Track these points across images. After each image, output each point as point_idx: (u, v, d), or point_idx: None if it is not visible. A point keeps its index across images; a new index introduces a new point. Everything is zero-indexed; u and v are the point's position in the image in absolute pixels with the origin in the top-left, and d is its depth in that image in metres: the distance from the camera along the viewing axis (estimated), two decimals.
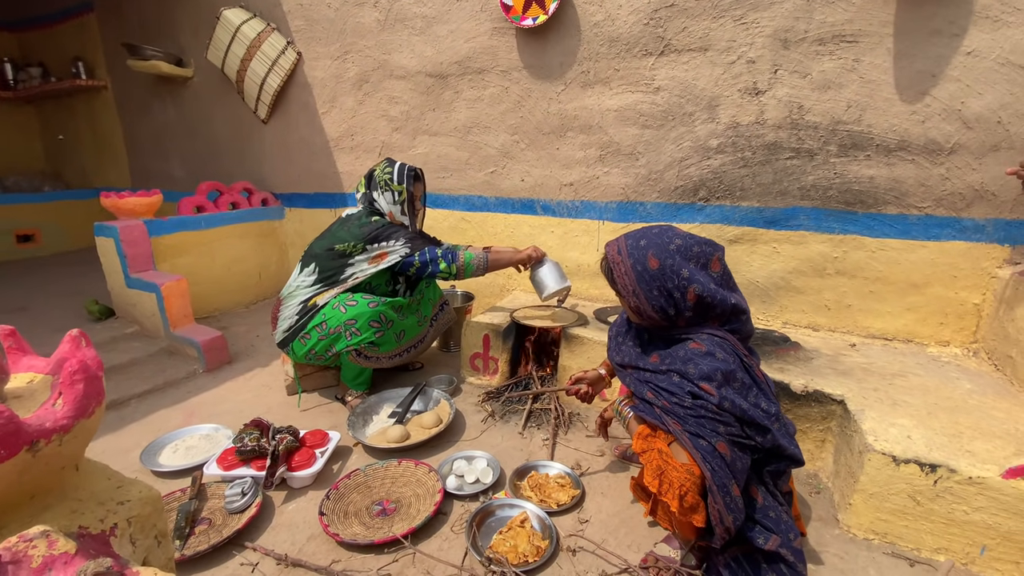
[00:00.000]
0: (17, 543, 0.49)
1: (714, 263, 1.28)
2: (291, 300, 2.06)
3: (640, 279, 1.27)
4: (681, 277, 1.23)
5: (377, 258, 2.04)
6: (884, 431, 1.46)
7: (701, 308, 1.26)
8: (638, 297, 1.28)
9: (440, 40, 2.79)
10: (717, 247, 1.29)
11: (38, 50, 4.76)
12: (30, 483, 0.55)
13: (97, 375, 0.61)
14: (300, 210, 3.72)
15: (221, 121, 3.89)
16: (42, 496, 0.58)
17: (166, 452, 1.87)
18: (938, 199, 2.00)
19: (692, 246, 1.26)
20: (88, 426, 0.60)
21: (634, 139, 2.44)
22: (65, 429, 0.55)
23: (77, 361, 0.58)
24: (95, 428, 0.63)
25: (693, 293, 1.24)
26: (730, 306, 1.26)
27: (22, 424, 0.51)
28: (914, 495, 1.37)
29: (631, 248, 1.30)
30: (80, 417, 0.57)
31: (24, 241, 4.63)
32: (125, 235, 2.71)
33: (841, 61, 2.00)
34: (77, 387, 0.58)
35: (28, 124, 5.06)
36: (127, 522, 0.62)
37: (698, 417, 1.17)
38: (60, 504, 0.59)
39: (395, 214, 2.13)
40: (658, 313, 1.28)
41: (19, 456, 0.51)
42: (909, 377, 1.81)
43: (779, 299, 2.33)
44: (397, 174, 2.10)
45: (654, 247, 1.26)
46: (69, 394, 0.57)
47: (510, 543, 1.41)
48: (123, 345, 2.70)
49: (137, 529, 0.63)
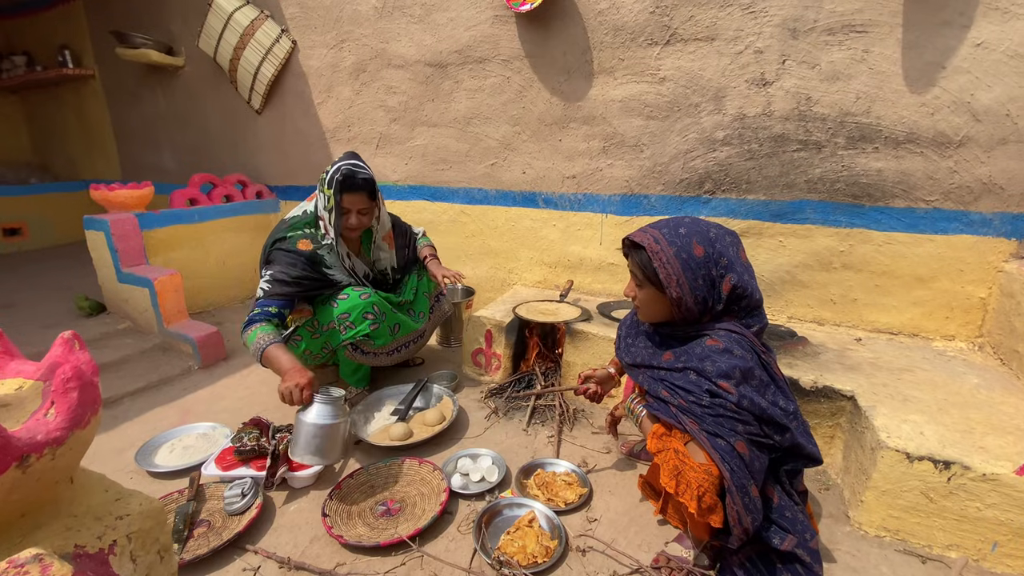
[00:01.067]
0: (7, 570, 0.45)
1: (742, 252, 1.26)
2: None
3: (685, 267, 1.20)
4: (721, 265, 1.21)
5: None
6: (896, 427, 1.44)
7: (732, 299, 1.23)
8: (681, 288, 1.21)
9: (440, 28, 2.72)
10: (738, 237, 1.28)
11: (22, 38, 4.63)
12: (21, 501, 0.50)
13: (92, 381, 0.56)
14: (295, 203, 3.65)
15: (214, 112, 3.80)
16: (34, 513, 0.54)
17: (162, 452, 1.82)
18: (946, 192, 1.97)
19: (724, 235, 1.25)
20: (83, 437, 0.55)
21: (639, 130, 2.39)
22: (59, 442, 0.51)
23: (71, 367, 0.53)
24: (91, 438, 0.58)
25: (728, 283, 1.21)
26: (756, 300, 1.24)
27: (11, 438, 0.47)
28: (927, 492, 1.35)
29: (670, 236, 1.23)
30: (75, 428, 0.53)
31: (10, 235, 4.52)
32: (116, 229, 2.64)
33: (850, 52, 1.97)
34: (71, 395, 0.53)
35: (13, 114, 4.92)
36: (127, 538, 0.58)
37: (716, 416, 1.14)
38: (54, 521, 0.55)
39: (325, 219, 1.87)
40: (698, 305, 1.22)
41: (8, 473, 0.46)
42: (917, 372, 1.80)
43: (785, 293, 2.31)
44: (329, 177, 1.80)
45: (696, 235, 1.22)
46: (63, 403, 0.53)
47: (519, 543, 1.38)
48: (115, 342, 2.64)
49: (138, 545, 0.59)
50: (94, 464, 1.76)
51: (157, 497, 1.54)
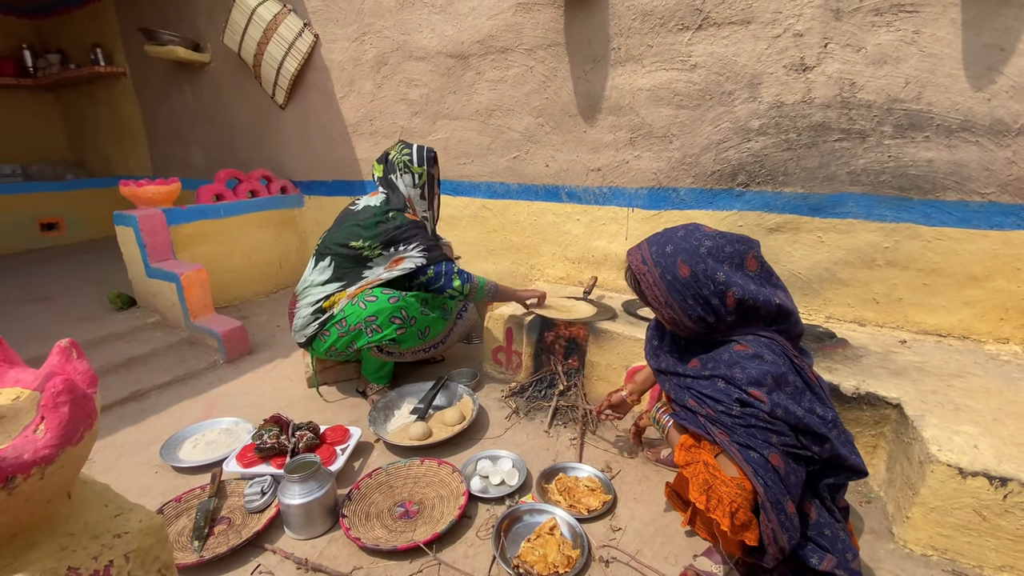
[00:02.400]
0: None
1: (750, 261, 1.16)
2: (304, 298, 1.97)
3: (671, 289, 1.16)
4: (717, 282, 1.13)
5: (394, 264, 1.95)
6: (948, 440, 1.33)
7: (743, 311, 1.15)
8: (672, 308, 1.18)
9: (461, 18, 2.66)
10: (751, 243, 1.17)
11: (56, 37, 4.75)
12: (9, 522, 0.47)
13: (86, 394, 0.53)
14: (319, 198, 3.66)
15: (239, 107, 3.83)
16: (26, 533, 0.51)
17: (186, 447, 1.83)
18: (1003, 185, 1.83)
19: (724, 246, 1.15)
20: (76, 453, 0.52)
21: (668, 120, 2.29)
22: (47, 460, 0.48)
23: (61, 380, 0.50)
24: (85, 454, 0.55)
25: (733, 297, 1.13)
26: (775, 307, 1.15)
27: None
28: (980, 510, 1.25)
29: (656, 256, 1.19)
30: (66, 445, 0.50)
31: (48, 229, 4.68)
32: (144, 224, 2.68)
33: (900, 33, 1.83)
34: (62, 411, 0.50)
35: (49, 112, 5.07)
36: (124, 558, 0.55)
37: (748, 427, 1.07)
38: (48, 541, 0.52)
39: (414, 198, 2.04)
40: (696, 323, 1.18)
41: None
42: (968, 378, 1.67)
43: (823, 292, 2.19)
44: (416, 155, 2.03)
45: (683, 252, 1.15)
46: (52, 419, 0.50)
47: (539, 552, 1.33)
48: (144, 335, 2.69)
49: (137, 565, 0.56)
50: (122, 458, 1.80)
51: (180, 493, 1.56)
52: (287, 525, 1.45)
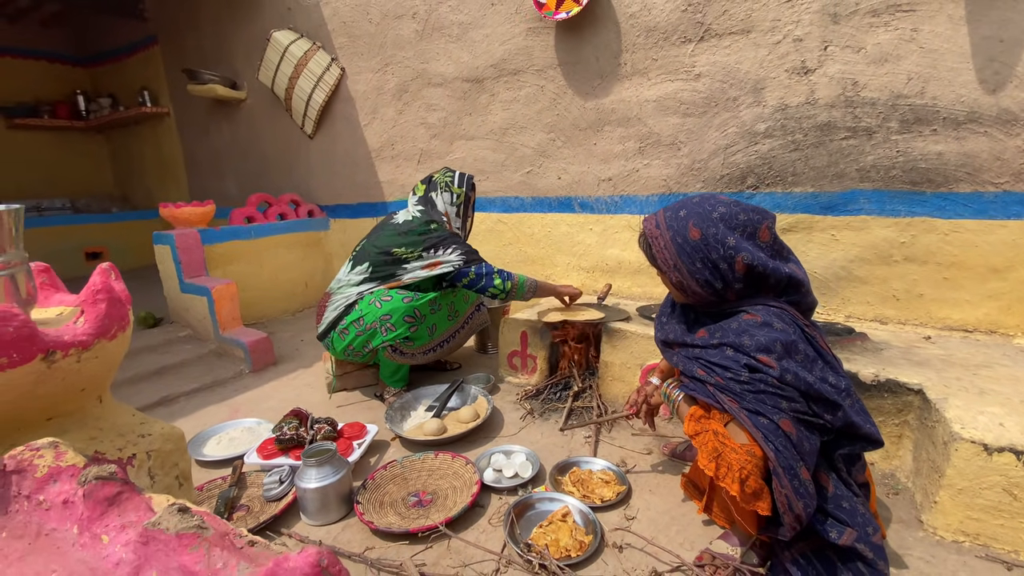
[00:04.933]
0: (23, 452, 0.47)
1: (763, 232, 1.17)
2: (339, 295, 2.07)
3: (681, 252, 1.18)
4: (727, 246, 1.14)
5: (430, 266, 2.06)
6: (972, 419, 1.29)
7: (753, 279, 1.16)
8: (680, 272, 1.20)
9: (476, 45, 2.83)
10: (767, 215, 1.18)
11: (108, 82, 5.18)
12: (46, 399, 0.53)
13: (120, 299, 0.59)
14: (344, 220, 3.82)
15: (271, 139, 4.08)
16: (60, 419, 0.56)
17: (210, 443, 1.89)
18: (1016, 173, 1.81)
19: (738, 214, 1.16)
20: (110, 349, 0.58)
21: (675, 128, 2.36)
22: (84, 345, 0.54)
23: (101, 280, 0.57)
24: (118, 356, 0.61)
25: (742, 263, 1.14)
26: (784, 275, 1.15)
27: (37, 330, 0.50)
28: (1010, 488, 1.20)
29: (669, 220, 1.22)
30: (100, 336, 0.56)
31: (93, 258, 4.96)
32: (180, 242, 2.84)
33: (898, 32, 1.88)
34: (99, 306, 0.56)
35: (98, 151, 5.48)
36: (146, 455, 0.60)
37: (757, 392, 1.06)
38: (78, 430, 0.57)
39: (451, 214, 2.22)
40: (704, 288, 1.19)
41: (33, 364, 0.49)
42: (996, 368, 1.62)
43: (841, 290, 2.16)
44: (457, 179, 2.26)
45: (695, 216, 1.18)
46: (91, 312, 0.56)
47: (551, 536, 1.32)
48: (176, 348, 2.80)
49: (157, 464, 0.61)
50: None
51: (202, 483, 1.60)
52: (303, 511, 1.47)
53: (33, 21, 4.89)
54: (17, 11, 4.66)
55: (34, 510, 0.45)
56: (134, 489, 0.44)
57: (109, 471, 0.44)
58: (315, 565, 0.31)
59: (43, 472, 0.45)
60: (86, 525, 0.42)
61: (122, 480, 0.44)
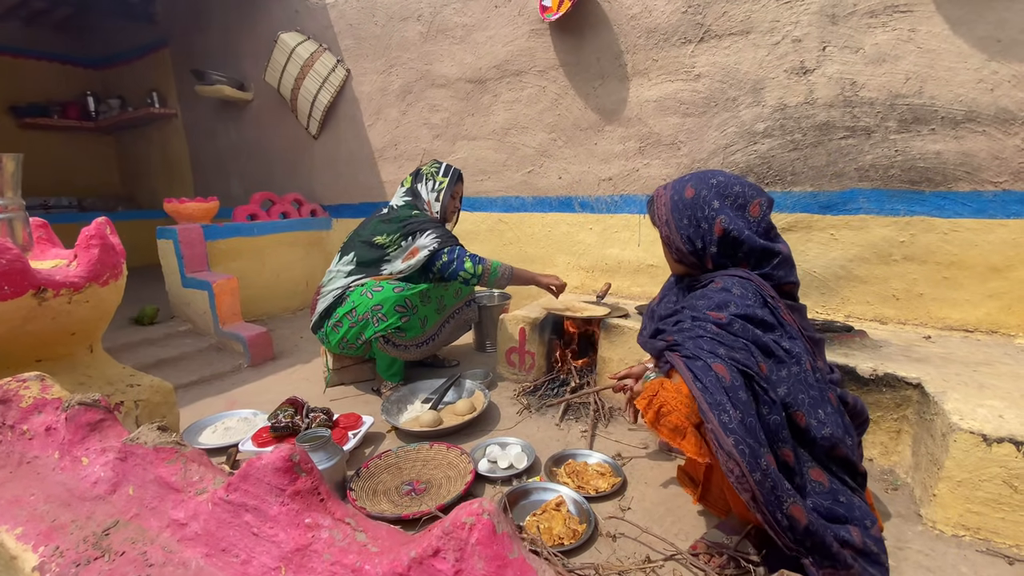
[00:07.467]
0: (9, 382, 0.47)
1: (753, 207, 1.20)
2: (329, 286, 2.09)
3: (674, 208, 1.25)
4: (711, 208, 1.20)
5: (409, 255, 2.09)
6: (971, 411, 1.28)
7: (727, 244, 1.19)
8: (669, 227, 1.27)
9: (479, 46, 2.87)
10: (763, 193, 1.21)
11: (118, 84, 5.26)
12: (36, 337, 0.54)
13: (114, 248, 0.60)
14: (346, 220, 3.84)
15: (276, 139, 4.12)
16: (50, 363, 0.57)
17: (206, 432, 1.89)
18: (1015, 172, 1.82)
19: (733, 185, 1.21)
20: (102, 295, 0.59)
21: (675, 128, 2.38)
22: (75, 287, 0.55)
23: (95, 226, 0.57)
24: (110, 305, 0.62)
25: (720, 225, 1.18)
26: (759, 245, 1.17)
27: (29, 266, 0.50)
28: (1010, 480, 1.18)
29: (675, 183, 1.29)
30: (92, 280, 0.56)
31: None
32: (183, 236, 2.86)
33: (895, 32, 1.90)
34: (92, 251, 0.57)
35: (107, 153, 5.54)
36: (134, 403, 0.60)
37: (695, 338, 1.11)
38: (67, 375, 0.58)
39: (431, 201, 2.23)
40: (686, 244, 1.24)
41: (24, 299, 0.50)
42: (996, 366, 1.61)
43: (840, 290, 2.16)
44: (443, 169, 2.27)
45: (695, 180, 1.25)
46: (84, 256, 0.57)
47: (544, 525, 1.31)
48: (176, 342, 2.81)
49: (144, 414, 0.61)
50: None
51: None
52: None
53: (47, 24, 4.98)
54: (32, 14, 4.75)
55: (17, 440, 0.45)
56: (116, 419, 0.44)
57: (93, 398, 0.44)
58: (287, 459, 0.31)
59: (28, 403, 0.46)
60: (67, 449, 0.43)
61: (105, 408, 0.44)
